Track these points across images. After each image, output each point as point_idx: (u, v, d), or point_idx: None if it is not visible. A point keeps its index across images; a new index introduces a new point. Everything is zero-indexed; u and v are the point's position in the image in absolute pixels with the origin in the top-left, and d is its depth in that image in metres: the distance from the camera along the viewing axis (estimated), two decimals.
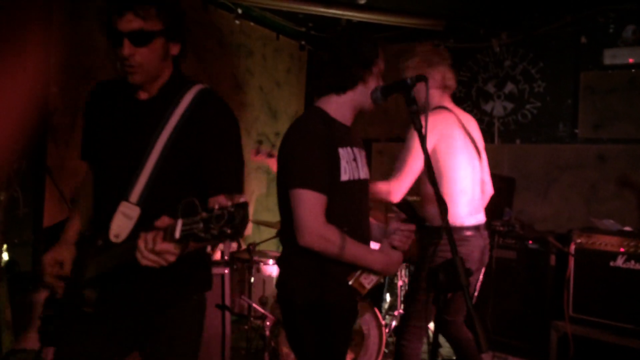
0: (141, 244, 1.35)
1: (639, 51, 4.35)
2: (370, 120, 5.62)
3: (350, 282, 1.96)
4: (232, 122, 1.73)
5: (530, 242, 3.81)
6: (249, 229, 5.19)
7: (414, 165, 2.57)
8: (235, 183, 1.68)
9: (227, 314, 3.43)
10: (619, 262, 3.20)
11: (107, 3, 1.59)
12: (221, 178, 1.66)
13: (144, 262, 1.35)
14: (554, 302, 3.46)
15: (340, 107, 2.01)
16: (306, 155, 1.89)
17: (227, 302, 3.44)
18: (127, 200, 1.61)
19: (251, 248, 3.75)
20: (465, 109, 5.45)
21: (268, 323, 3.59)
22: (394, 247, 2.00)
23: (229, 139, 1.70)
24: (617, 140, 4.59)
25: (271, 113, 5.41)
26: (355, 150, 2.05)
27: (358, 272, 1.97)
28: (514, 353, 3.66)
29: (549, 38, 4.93)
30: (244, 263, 3.94)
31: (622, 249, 3.19)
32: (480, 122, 5.43)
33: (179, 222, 1.27)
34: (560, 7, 4.78)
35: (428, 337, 3.54)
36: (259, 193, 5.36)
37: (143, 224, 1.50)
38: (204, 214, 1.22)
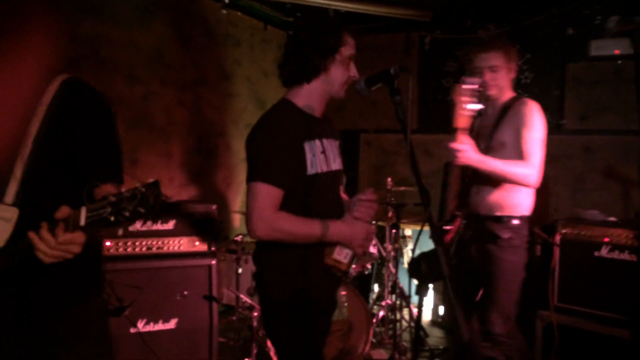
0: (39, 244, 1.31)
1: (624, 42, 4.37)
2: (358, 111, 5.62)
3: (327, 262, 1.96)
4: (105, 108, 1.64)
5: None
6: (236, 219, 5.18)
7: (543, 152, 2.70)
8: (116, 171, 1.64)
9: (215, 305, 3.43)
10: (604, 252, 3.23)
11: None
12: (101, 168, 1.60)
13: (48, 259, 1.32)
14: (539, 292, 3.49)
15: (307, 97, 2.02)
16: (265, 150, 1.91)
17: (215, 293, 3.45)
18: (1, 201, 1.51)
19: (238, 239, 3.75)
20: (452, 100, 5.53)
21: (255, 314, 3.59)
22: (356, 219, 2.02)
23: (103, 127, 1.63)
24: (603, 132, 4.62)
25: (259, 103, 5.38)
26: (325, 141, 2.05)
27: (329, 249, 1.97)
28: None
29: (536, 29, 4.94)
30: (231, 254, 3.93)
31: (606, 239, 3.22)
32: None
33: (83, 210, 1.26)
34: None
35: (412, 328, 3.53)
36: None
37: (24, 225, 1.44)
38: (112, 198, 1.22)
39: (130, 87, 4.11)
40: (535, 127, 2.66)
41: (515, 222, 2.74)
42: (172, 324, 3.30)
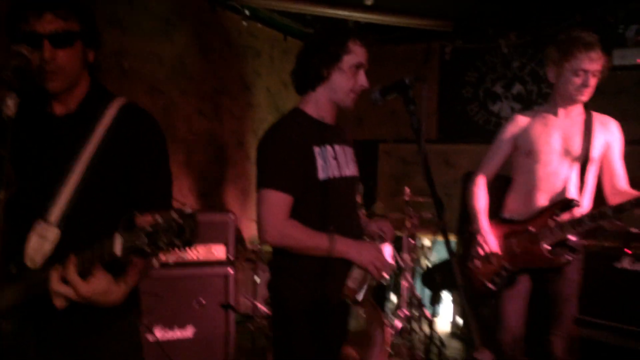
0: (65, 290, 1.32)
1: None
2: (377, 121, 5.62)
3: (342, 291, 1.95)
4: (160, 138, 1.64)
5: None
6: (255, 229, 5.20)
7: None
8: (164, 200, 1.62)
9: (232, 314, 3.44)
10: (626, 263, 3.17)
11: (18, 3, 1.47)
12: (150, 197, 1.57)
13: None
14: None
15: (315, 104, 2.04)
16: (273, 157, 1.95)
17: (232, 301, 3.46)
18: (44, 220, 1.48)
19: (256, 248, 3.77)
20: (472, 110, 5.51)
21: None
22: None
23: (156, 156, 1.62)
24: (626, 142, 4.53)
25: (278, 114, 5.40)
26: (337, 147, 2.06)
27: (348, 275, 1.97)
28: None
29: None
30: (249, 263, 3.95)
31: (628, 251, 3.16)
32: (487, 123, 5.44)
33: (118, 238, 1.22)
34: (569, 7, 4.75)
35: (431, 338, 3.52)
36: None
37: (63, 248, 1.43)
38: (149, 228, 1.18)
39: (151, 97, 4.17)
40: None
41: None
42: (189, 332, 3.33)
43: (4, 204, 1.28)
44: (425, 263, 5.05)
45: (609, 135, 2.62)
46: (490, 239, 2.64)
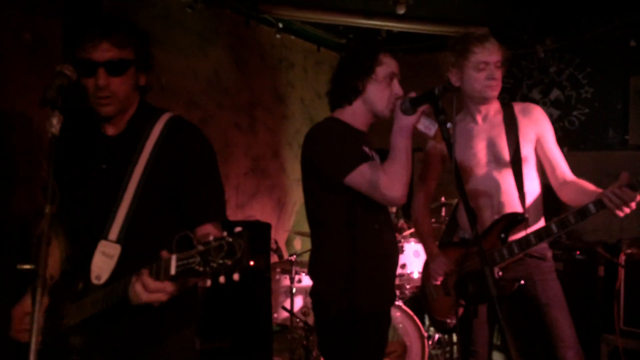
0: (139, 288, 1.32)
1: None
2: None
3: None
4: (207, 148, 1.67)
5: (578, 252, 3.69)
6: (284, 238, 5.24)
7: None
8: (218, 210, 1.65)
9: (270, 324, 3.47)
10: None
11: (79, 32, 1.54)
12: (204, 207, 1.62)
13: (138, 302, 1.34)
14: (604, 315, 3.34)
15: (353, 115, 2.07)
16: (337, 145, 1.94)
17: (269, 312, 3.49)
18: (106, 239, 1.54)
19: (292, 259, 3.79)
20: None
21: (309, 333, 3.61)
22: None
23: (206, 165, 1.65)
24: None
25: (313, 124, 5.46)
26: (374, 154, 2.10)
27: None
28: None
29: (596, 42, 4.79)
30: (286, 274, 3.98)
31: None
32: None
33: (173, 258, 1.24)
34: (607, 11, 4.64)
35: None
36: (301, 203, 5.40)
37: (125, 262, 1.48)
38: (201, 247, 1.19)
39: (188, 111, 4.26)
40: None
41: None
42: (227, 342, 3.36)
43: (50, 217, 1.32)
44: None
45: (536, 126, 2.36)
46: (439, 265, 2.36)
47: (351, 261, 1.96)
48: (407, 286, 3.82)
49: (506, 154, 2.33)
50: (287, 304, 3.79)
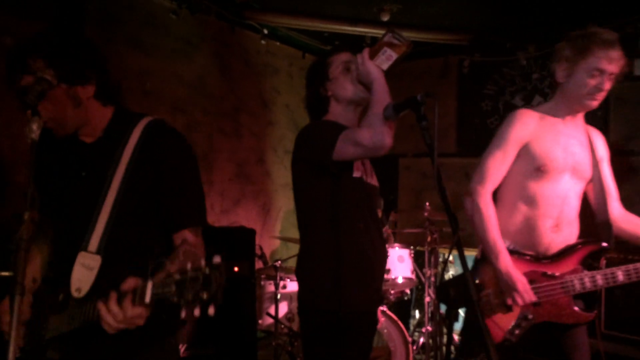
0: (107, 316, 1.28)
1: None
2: (396, 135, 5.60)
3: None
4: (187, 151, 1.62)
5: None
6: (276, 245, 5.23)
7: None
8: (197, 215, 1.61)
9: (254, 330, 3.46)
10: None
11: (5, 73, 1.47)
12: (183, 212, 1.58)
13: (112, 331, 1.30)
14: None
15: (336, 117, 2.15)
16: (319, 134, 2.02)
17: (253, 318, 3.48)
18: (85, 250, 1.49)
19: (277, 264, 3.78)
20: (492, 123, 5.47)
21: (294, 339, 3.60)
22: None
23: (185, 169, 1.61)
24: None
25: (297, 130, 5.45)
26: None
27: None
28: None
29: None
30: (270, 280, 3.97)
31: None
32: None
33: (149, 285, 1.21)
34: (587, 19, 4.68)
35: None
36: (286, 209, 5.40)
37: (106, 273, 1.45)
38: (177, 276, 1.15)
39: (173, 117, 4.25)
40: None
41: None
42: (212, 348, 3.35)
43: (28, 223, 1.30)
44: (448, 277, 5.01)
45: (603, 151, 2.30)
46: (527, 286, 2.13)
47: (336, 260, 1.97)
48: (392, 291, 3.83)
49: (586, 167, 2.24)
50: (272, 310, 3.79)
